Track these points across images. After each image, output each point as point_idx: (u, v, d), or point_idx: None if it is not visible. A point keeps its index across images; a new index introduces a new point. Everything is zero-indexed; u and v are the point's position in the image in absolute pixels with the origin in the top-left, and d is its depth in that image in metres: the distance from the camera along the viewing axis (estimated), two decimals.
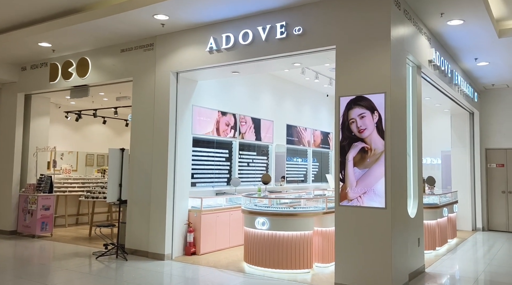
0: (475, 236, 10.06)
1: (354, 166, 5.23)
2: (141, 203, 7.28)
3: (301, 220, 6.10)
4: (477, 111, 11.10)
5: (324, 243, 6.38)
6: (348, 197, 5.23)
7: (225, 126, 8.50)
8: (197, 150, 7.86)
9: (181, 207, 7.24)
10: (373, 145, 5.13)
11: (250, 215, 6.32)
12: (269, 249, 6.09)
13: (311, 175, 11.46)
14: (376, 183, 5.05)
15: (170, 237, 6.94)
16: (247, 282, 5.56)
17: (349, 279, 5.10)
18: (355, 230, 5.13)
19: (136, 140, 7.53)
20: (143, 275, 5.82)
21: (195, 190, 7.72)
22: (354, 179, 5.21)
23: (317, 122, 11.74)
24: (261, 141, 9.52)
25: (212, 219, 7.48)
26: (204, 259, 6.87)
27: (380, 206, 5.00)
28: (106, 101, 10.42)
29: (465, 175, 11.08)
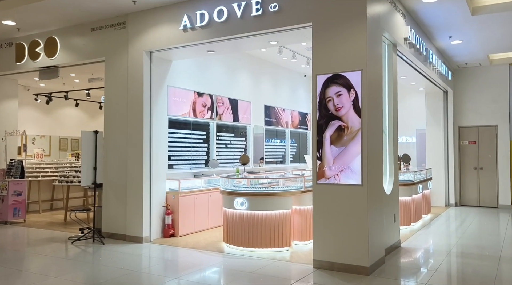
0: (448, 211, 10.37)
1: (331, 144, 5.24)
2: (117, 186, 7.15)
3: (280, 199, 6.11)
4: (451, 90, 11.29)
5: (302, 221, 6.43)
6: (326, 175, 5.25)
7: (201, 108, 8.37)
8: (173, 132, 7.73)
9: (159, 189, 7.15)
10: (349, 123, 5.14)
11: (228, 196, 6.30)
12: (248, 228, 6.10)
13: (289, 155, 11.49)
14: (353, 161, 5.08)
15: (147, 219, 6.86)
16: (226, 261, 5.57)
17: (327, 255, 5.17)
18: (332, 208, 5.17)
19: (110, 122, 7.33)
20: (120, 258, 5.75)
21: (173, 172, 7.63)
22: (331, 157, 5.22)
23: (295, 103, 11.72)
24: (239, 122, 9.44)
25: (191, 200, 7.43)
26: (183, 241, 6.84)
27: (356, 183, 5.05)
28: (78, 83, 10.08)
29: (439, 152, 11.34)
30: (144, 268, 5.28)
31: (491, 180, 11.08)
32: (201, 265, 5.39)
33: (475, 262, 5.54)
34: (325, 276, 4.87)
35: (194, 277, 4.88)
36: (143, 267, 5.35)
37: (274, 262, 5.50)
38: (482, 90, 11.22)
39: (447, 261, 5.59)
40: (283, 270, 5.14)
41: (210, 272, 5.13)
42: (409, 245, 6.57)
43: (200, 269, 5.23)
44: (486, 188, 11.13)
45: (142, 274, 5.04)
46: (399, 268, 5.26)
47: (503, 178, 10.86)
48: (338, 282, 4.66)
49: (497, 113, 11.01)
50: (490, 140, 11.12)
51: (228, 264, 5.46)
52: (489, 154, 11.11)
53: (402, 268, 5.28)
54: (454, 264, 5.48)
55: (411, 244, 6.65)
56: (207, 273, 5.08)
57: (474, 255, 5.93)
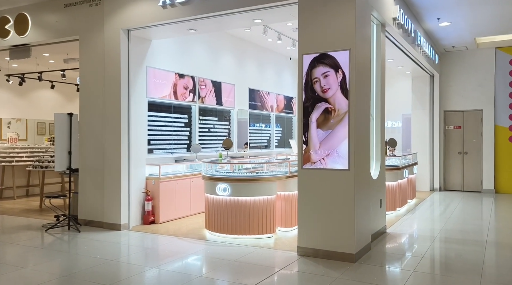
0: (433, 196, 10.35)
1: (317, 128, 5.02)
2: (94, 171, 6.83)
3: (264, 185, 5.91)
4: (437, 74, 11.18)
5: (287, 207, 6.25)
6: (311, 159, 5.05)
7: (183, 90, 8.05)
8: (153, 115, 7.41)
9: (138, 174, 6.86)
10: (337, 105, 4.92)
11: (211, 181, 6.06)
12: (231, 215, 5.89)
13: (274, 140, 11.28)
14: (340, 145, 4.88)
15: (126, 206, 6.59)
16: (208, 249, 5.37)
17: (312, 242, 5.00)
18: (318, 193, 4.99)
19: (86, 104, 6.97)
20: (97, 247, 5.48)
21: (153, 157, 7.34)
22: (318, 140, 5.01)
23: (280, 87, 11.46)
24: (222, 106, 9.15)
25: (172, 186, 7.17)
26: (164, 228, 6.60)
27: (343, 168, 4.86)
28: (53, 63, 9.59)
29: (424, 137, 11.28)
30: (121, 257, 5.04)
31: (475, 164, 11.09)
32: (182, 253, 5.17)
33: (461, 248, 5.46)
34: (310, 264, 4.71)
35: (174, 266, 4.66)
36: (120, 256, 5.11)
37: (258, 250, 5.32)
38: (468, 75, 11.13)
39: (434, 247, 5.49)
40: (267, 258, 4.96)
41: (191, 260, 4.92)
42: (395, 231, 6.47)
43: (180, 257, 5.01)
44: (470, 173, 11.15)
45: (118, 263, 4.79)
46: (386, 255, 5.14)
47: (487, 163, 10.88)
48: (323, 269, 4.50)
49: (482, 98, 10.96)
50: (475, 125, 11.09)
51: (210, 252, 5.25)
52: (474, 139, 11.10)
53: (388, 254, 5.16)
54: (440, 249, 5.39)
55: (397, 230, 6.55)
56: (188, 261, 4.86)
57: (459, 240, 5.86)
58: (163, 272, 4.45)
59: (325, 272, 4.41)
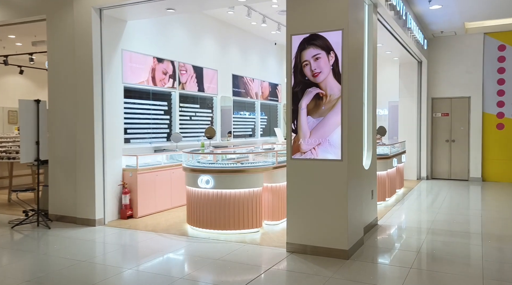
0: (420, 185, 10.17)
1: (307, 115, 4.64)
2: (66, 163, 6.33)
3: (250, 177, 5.52)
4: (425, 60, 10.92)
5: (274, 200, 5.90)
6: (301, 149, 4.67)
7: (162, 75, 7.54)
8: (130, 102, 6.91)
9: (114, 166, 6.39)
10: (328, 90, 4.54)
11: (192, 173, 5.64)
12: (214, 209, 5.50)
13: (259, 129, 10.89)
14: (332, 133, 4.52)
15: (101, 200, 6.11)
16: (190, 246, 4.97)
17: (302, 238, 4.66)
18: (309, 185, 4.63)
19: (55, 91, 6.42)
20: (68, 245, 5.02)
21: (130, 147, 6.86)
22: (308, 129, 4.64)
23: (265, 73, 11.03)
24: (204, 92, 8.68)
25: (150, 178, 6.72)
26: (142, 223, 6.17)
27: (335, 158, 4.51)
28: (21, 46, 8.92)
29: (411, 125, 11.06)
30: (95, 257, 4.60)
31: (462, 152, 10.94)
32: (162, 252, 4.77)
33: (457, 241, 5.21)
34: (300, 262, 4.37)
35: (153, 266, 4.25)
36: (93, 255, 4.67)
37: (243, 246, 4.95)
38: (456, 61, 10.91)
39: (428, 240, 5.23)
40: (254, 255, 4.60)
41: (172, 259, 4.52)
42: (387, 223, 6.20)
43: (160, 256, 4.60)
44: (458, 161, 11.01)
45: (91, 264, 4.36)
46: (379, 250, 4.84)
47: (474, 151, 10.74)
48: (315, 268, 4.17)
49: (470, 85, 10.76)
50: (462, 112, 10.91)
51: (192, 249, 4.86)
52: (462, 126, 10.93)
53: (382, 249, 4.87)
54: (435, 243, 5.12)
55: (388, 222, 6.28)
56: (169, 261, 4.46)
57: (453, 233, 5.61)
58: (141, 274, 4.05)
59: (317, 271, 4.08)
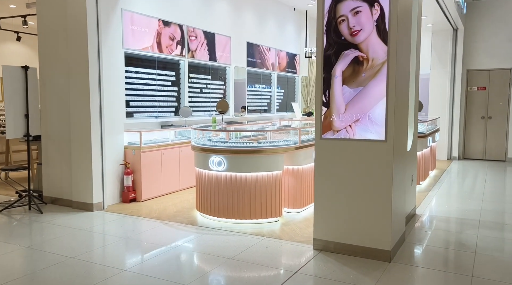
0: (452, 166, 9.26)
1: (343, 84, 3.76)
2: (59, 139, 5.60)
3: (269, 158, 4.71)
4: (462, 27, 9.79)
5: (296, 185, 5.10)
6: (334, 126, 3.82)
7: (169, 41, 6.67)
8: (132, 70, 6.09)
9: (114, 143, 5.64)
10: (370, 52, 3.64)
11: (202, 153, 4.85)
12: (227, 194, 4.73)
13: (275, 103, 10.01)
14: (374, 107, 3.65)
15: (99, 181, 5.39)
16: (200, 240, 4.24)
17: (333, 233, 3.87)
18: (342, 171, 3.80)
19: (46, 57, 5.63)
20: (57, 237, 4.33)
21: (133, 122, 6.08)
22: (343, 102, 3.77)
23: (282, 42, 10.05)
24: (217, 62, 7.80)
25: (156, 157, 5.97)
26: (146, 208, 5.46)
27: (378, 138, 3.65)
28: (14, 9, 8.08)
29: (443, 100, 10.05)
30: (85, 252, 3.89)
31: (500, 130, 9.93)
32: (165, 247, 4.04)
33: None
34: (332, 264, 3.59)
35: (150, 267, 3.53)
36: (84, 250, 3.96)
37: (261, 241, 4.19)
38: (497, 29, 9.75)
39: (483, 237, 4.39)
40: (274, 254, 3.84)
41: (177, 258, 3.79)
42: (427, 213, 5.37)
43: (163, 252, 3.88)
44: (494, 140, 10.01)
45: (79, 262, 3.65)
46: (427, 250, 4.03)
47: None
48: (352, 274, 3.39)
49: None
50: (502, 85, 9.84)
51: (201, 244, 4.12)
52: (500, 101, 9.88)
53: (430, 249, 4.06)
54: (493, 240, 4.29)
55: (428, 211, 5.45)
56: (173, 260, 3.73)
57: (510, 227, 4.77)
58: (137, 277, 3.32)
59: (354, 279, 3.30)
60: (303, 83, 11.09)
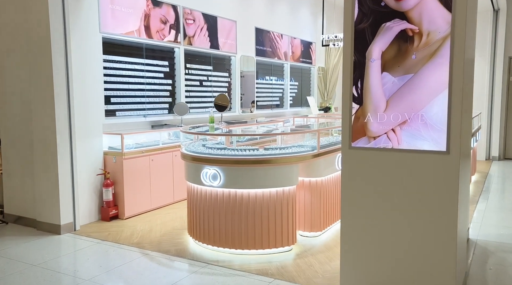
0: (494, 168, 8.00)
1: (383, 70, 2.62)
2: (22, 144, 4.58)
3: (279, 170, 3.60)
4: (505, 7, 8.46)
5: (314, 201, 3.99)
6: (370, 131, 2.68)
7: (160, 24, 5.58)
8: (113, 60, 5.03)
9: (90, 148, 4.60)
10: (425, 23, 2.48)
11: (193, 163, 3.77)
12: (225, 217, 3.65)
13: (288, 98, 8.87)
14: (430, 103, 2.50)
15: (68, 197, 4.36)
16: (186, 282, 3.16)
17: (368, 278, 2.75)
18: (382, 194, 2.67)
19: (2, 45, 4.60)
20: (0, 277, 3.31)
21: (115, 122, 5.04)
22: (383, 96, 2.63)
23: (296, 28, 8.88)
24: (219, 50, 6.69)
25: (143, 164, 4.92)
26: (128, 228, 4.42)
27: (436, 149, 2.51)
28: None
29: (482, 91, 8.76)
30: None
31: None
32: None
33: None
34: None
35: None
36: None
37: (271, 284, 3.10)
38: None
39: None
40: None
41: None
42: (483, 236, 4.19)
43: None
44: None
45: None
46: None
47: None
48: None
49: None
50: None
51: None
52: None
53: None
54: None
55: (483, 233, 4.27)
56: None
57: None
58: None
59: None
60: (319, 75, 9.91)
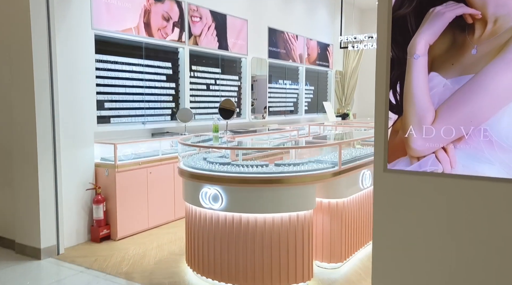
0: None
1: (431, 70, 1.99)
2: (1, 154, 4.07)
3: (293, 191, 2.99)
4: None
5: (334, 226, 3.37)
6: (412, 149, 2.05)
7: (162, 22, 5.05)
8: (107, 60, 4.50)
9: (78, 159, 4.07)
10: (491, 6, 1.85)
11: (191, 181, 3.18)
12: (227, 246, 3.05)
13: (303, 103, 8.26)
14: (498, 114, 1.86)
15: (51, 215, 3.82)
16: None
17: None
18: (428, 232, 2.03)
19: None
20: None
21: (109, 130, 4.51)
22: (431, 103, 1.99)
23: (312, 29, 8.29)
24: (229, 51, 6.14)
25: (140, 177, 4.36)
26: (120, 252, 3.86)
27: (508, 176, 1.86)
28: None
29: None
30: None
31: None
32: None
33: None
34: None
35: None
36: None
37: None
38: None
39: None
40: None
41: None
42: None
43: None
44: None
45: None
46: None
47: None
48: None
49: None
50: None
51: None
52: None
53: None
54: None
55: None
56: None
57: None
58: None
59: None
60: (337, 79, 9.28)
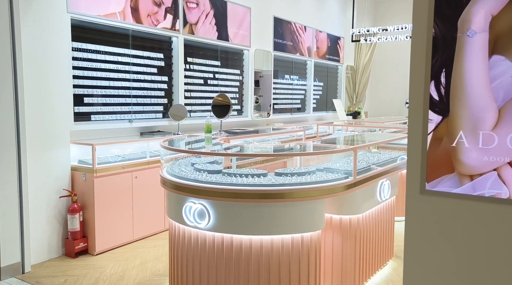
0: None
1: (493, 53, 1.39)
2: None
3: (297, 208, 2.42)
4: None
5: (347, 247, 2.79)
6: (462, 164, 1.45)
7: (152, 7, 4.48)
8: (86, 49, 3.95)
9: (51, 162, 3.54)
10: None
11: (174, 192, 2.62)
12: (216, 272, 2.49)
13: (311, 100, 7.67)
14: None
15: (14, 228, 3.28)
16: None
17: None
18: (482, 280, 1.45)
19: None
20: None
21: (89, 129, 3.96)
22: (492, 99, 1.39)
23: (322, 20, 7.68)
24: (229, 42, 5.57)
25: (123, 182, 3.82)
26: (95, 271, 3.32)
27: None
28: None
29: None
30: None
31: None
32: None
33: None
34: None
35: None
36: None
37: None
38: None
39: None
40: None
41: None
42: None
43: None
44: None
45: None
46: None
47: None
48: None
49: None
50: None
51: None
52: None
53: None
54: None
55: None
56: None
57: None
58: None
59: None
60: (348, 75, 8.67)
